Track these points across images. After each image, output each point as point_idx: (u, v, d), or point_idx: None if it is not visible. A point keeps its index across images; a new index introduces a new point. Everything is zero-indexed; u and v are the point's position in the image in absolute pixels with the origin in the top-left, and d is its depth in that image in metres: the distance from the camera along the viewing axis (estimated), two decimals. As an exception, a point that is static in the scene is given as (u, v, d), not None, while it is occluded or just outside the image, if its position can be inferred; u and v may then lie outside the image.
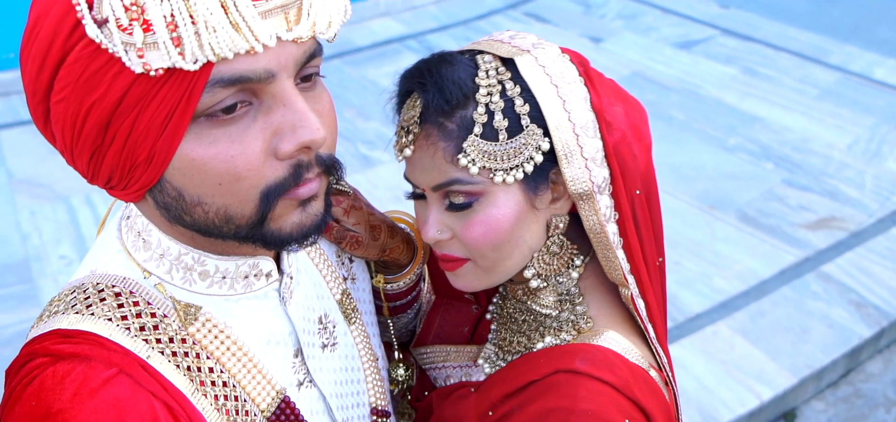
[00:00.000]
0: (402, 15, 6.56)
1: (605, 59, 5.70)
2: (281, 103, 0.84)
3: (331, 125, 0.92)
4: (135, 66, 0.77)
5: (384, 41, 6.15)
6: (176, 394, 0.90)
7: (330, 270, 1.19)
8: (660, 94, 5.22)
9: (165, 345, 0.92)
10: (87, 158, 0.85)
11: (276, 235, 0.90)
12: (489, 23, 6.40)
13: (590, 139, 1.05)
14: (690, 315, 3.42)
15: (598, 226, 1.07)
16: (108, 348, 0.88)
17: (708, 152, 4.57)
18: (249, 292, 1.01)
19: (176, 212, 0.88)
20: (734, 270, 3.67)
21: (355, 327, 1.19)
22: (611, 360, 1.05)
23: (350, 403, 1.14)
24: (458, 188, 1.05)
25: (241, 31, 0.78)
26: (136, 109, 0.79)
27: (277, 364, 1.02)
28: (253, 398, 0.98)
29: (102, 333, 0.90)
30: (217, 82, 0.79)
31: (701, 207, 4.10)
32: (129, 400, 0.86)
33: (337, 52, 5.93)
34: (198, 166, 0.83)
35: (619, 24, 6.30)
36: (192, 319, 0.95)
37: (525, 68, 1.04)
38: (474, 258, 1.11)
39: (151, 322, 0.93)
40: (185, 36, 0.76)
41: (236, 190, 0.85)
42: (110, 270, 0.97)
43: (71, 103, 0.81)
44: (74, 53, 0.78)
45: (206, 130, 0.82)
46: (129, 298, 0.94)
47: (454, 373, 1.24)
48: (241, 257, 0.98)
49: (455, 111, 1.04)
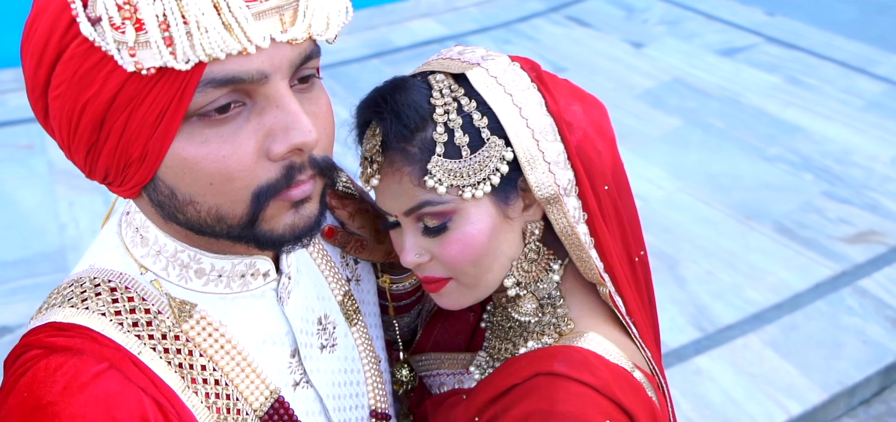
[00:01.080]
0: (442, 16, 6.57)
1: (645, 65, 5.65)
2: (274, 105, 0.84)
3: (326, 127, 0.92)
4: (127, 64, 0.78)
5: (424, 42, 6.16)
6: (166, 390, 0.91)
7: (332, 272, 1.19)
8: (700, 101, 5.16)
9: (158, 341, 0.93)
10: (84, 153, 0.86)
11: (268, 235, 0.90)
12: (530, 25, 6.38)
13: (550, 143, 1.05)
14: (721, 326, 3.37)
15: (567, 228, 1.07)
16: (100, 343, 0.90)
17: (746, 162, 4.51)
18: (246, 291, 1.01)
19: (169, 210, 0.89)
20: (768, 281, 3.61)
21: (357, 328, 1.19)
22: (590, 361, 1.04)
23: (348, 404, 1.14)
24: (428, 210, 1.06)
25: (233, 32, 0.78)
26: (129, 108, 0.80)
27: (273, 364, 1.02)
28: (246, 397, 0.98)
29: (96, 327, 0.91)
30: (209, 82, 0.80)
31: (736, 217, 4.04)
32: (118, 395, 0.87)
33: (376, 51, 5.97)
34: (189, 165, 0.84)
35: (662, 30, 6.24)
36: (186, 316, 0.96)
37: (477, 81, 1.05)
38: (456, 276, 1.11)
39: (145, 318, 0.94)
40: (177, 36, 0.76)
41: (227, 190, 0.85)
42: (108, 265, 0.98)
43: (67, 100, 0.82)
44: (69, 51, 0.80)
45: (198, 130, 0.83)
46: (124, 293, 0.95)
47: (447, 380, 1.24)
48: (238, 256, 0.99)
49: (415, 135, 1.04)
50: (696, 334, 3.33)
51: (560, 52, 5.90)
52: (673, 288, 3.58)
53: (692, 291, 3.57)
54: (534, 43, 6.07)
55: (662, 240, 3.89)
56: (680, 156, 4.57)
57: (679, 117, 4.97)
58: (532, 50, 5.93)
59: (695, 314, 3.44)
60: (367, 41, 6.15)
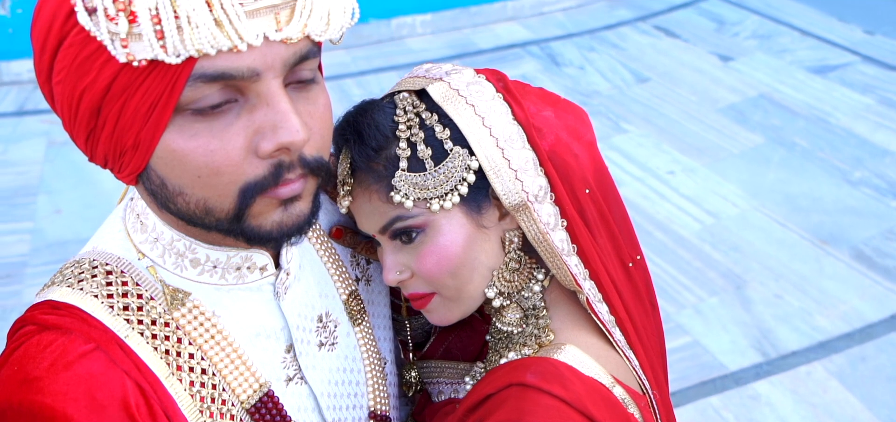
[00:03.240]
0: (528, 20, 6.54)
1: (731, 79, 5.51)
2: (265, 102, 0.85)
3: (321, 128, 0.93)
4: (119, 55, 0.79)
5: (507, 45, 6.15)
6: (149, 375, 0.93)
7: (338, 271, 1.19)
8: (785, 119, 5.00)
9: (146, 327, 0.95)
10: (84, 138, 0.89)
11: (255, 231, 0.92)
12: (616, 33, 6.30)
13: (517, 151, 1.05)
14: (784, 352, 3.26)
15: (539, 235, 1.06)
16: (89, 324, 0.92)
17: (828, 184, 4.34)
18: (241, 284, 1.03)
19: (161, 199, 0.92)
20: (839, 309, 3.47)
21: (361, 328, 1.19)
22: (563, 373, 1.02)
23: (345, 404, 1.14)
24: (399, 225, 1.07)
25: (223, 29, 0.79)
26: (123, 97, 0.82)
27: (265, 358, 1.04)
28: (233, 389, 0.99)
29: (87, 308, 0.94)
30: (200, 77, 0.81)
31: (812, 240, 3.90)
32: (101, 376, 0.89)
33: (458, 52, 5.99)
34: (178, 157, 0.86)
35: (752, 44, 6.07)
36: (178, 304, 0.98)
37: (437, 94, 1.06)
38: (437, 290, 1.12)
39: (136, 303, 0.96)
40: (168, 30, 0.77)
41: (215, 184, 0.87)
42: (108, 249, 1.01)
43: (67, 86, 0.84)
44: (69, 39, 0.82)
45: (188, 123, 0.84)
46: (119, 277, 0.97)
47: (445, 389, 1.25)
48: (233, 249, 1.00)
49: (380, 153, 1.06)
50: (757, 359, 3.23)
51: (644, 62, 5.80)
52: (737, 309, 3.48)
53: (757, 313, 3.46)
54: (618, 51, 5.99)
55: (731, 259, 3.78)
56: (758, 174, 4.44)
57: (761, 134, 4.83)
58: (615, 58, 5.86)
59: (758, 338, 3.33)
60: (451, 42, 6.18)
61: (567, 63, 5.85)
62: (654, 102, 5.24)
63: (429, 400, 1.30)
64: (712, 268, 3.74)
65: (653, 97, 5.31)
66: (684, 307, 3.51)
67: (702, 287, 3.63)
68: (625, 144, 4.77)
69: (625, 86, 5.49)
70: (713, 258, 3.80)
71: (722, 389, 3.10)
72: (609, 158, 4.57)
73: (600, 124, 4.98)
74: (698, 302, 3.54)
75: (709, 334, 3.37)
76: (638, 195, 4.28)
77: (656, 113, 5.11)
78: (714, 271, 3.71)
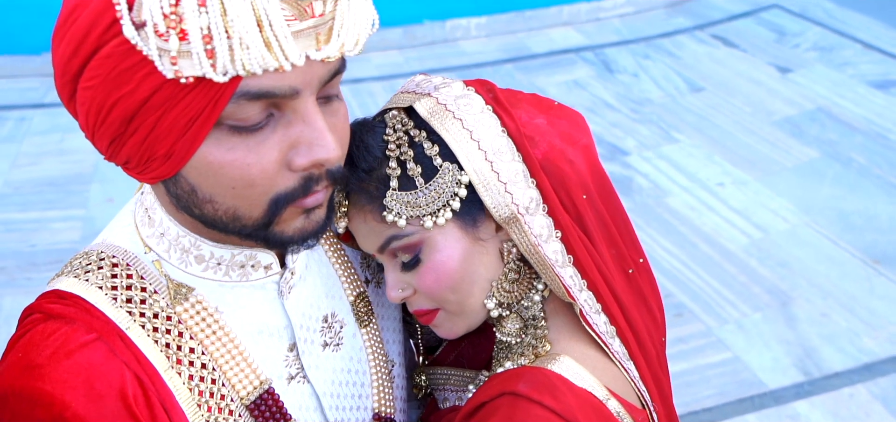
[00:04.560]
0: (583, 26, 6.50)
1: (788, 91, 5.40)
2: (301, 119, 0.87)
3: (344, 140, 0.96)
4: (167, 71, 0.80)
5: (561, 50, 6.12)
6: (148, 367, 0.95)
7: (347, 272, 1.20)
8: (842, 133, 4.88)
9: (148, 320, 0.97)
10: (108, 142, 0.89)
11: (278, 237, 0.95)
12: (672, 41, 6.22)
13: (507, 163, 1.04)
14: (828, 372, 3.19)
15: (530, 248, 1.06)
16: (92, 315, 0.95)
17: (885, 202, 4.23)
18: (245, 281, 1.04)
19: (186, 203, 0.93)
20: (888, 331, 3.38)
21: (368, 330, 1.20)
22: (554, 384, 1.02)
23: (348, 405, 1.15)
24: (395, 245, 1.07)
25: (272, 50, 0.80)
26: (162, 110, 0.83)
27: (267, 355, 1.05)
28: (233, 385, 1.01)
29: (91, 299, 0.96)
30: (243, 95, 0.83)
31: (864, 259, 3.81)
32: (100, 366, 0.92)
33: (512, 56, 5.98)
34: (214, 169, 0.87)
35: (812, 56, 5.94)
36: (182, 298, 1.00)
37: (424, 111, 1.06)
38: (441, 305, 1.12)
39: (139, 296, 0.98)
40: (219, 49, 0.78)
41: (248, 195, 0.89)
42: (116, 242, 1.04)
43: (98, 92, 0.84)
44: (108, 48, 0.81)
45: (225, 137, 0.86)
46: (125, 270, 1.00)
47: (450, 396, 1.25)
48: (238, 248, 1.02)
49: (371, 174, 1.06)
50: (799, 378, 3.17)
51: (699, 71, 5.72)
52: (781, 326, 3.42)
53: (802, 331, 3.39)
54: (673, 59, 5.92)
55: (778, 275, 3.71)
56: (812, 189, 4.35)
57: (817, 149, 4.72)
58: (671, 66, 5.79)
59: (801, 356, 3.27)
60: (505, 45, 6.18)
61: (621, 70, 5.80)
62: (707, 112, 5.16)
63: (436, 406, 1.31)
64: (758, 283, 3.67)
65: (706, 107, 5.23)
66: (726, 322, 3.46)
67: (746, 302, 3.56)
68: (674, 154, 4.71)
69: (678, 94, 5.42)
70: (759, 273, 3.73)
71: (760, 406, 3.05)
72: (657, 168, 4.53)
73: (651, 133, 4.93)
74: (741, 317, 3.48)
75: (750, 351, 3.31)
76: (685, 206, 4.22)
77: (709, 123, 5.03)
78: (759, 287, 3.65)
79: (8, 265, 3.75)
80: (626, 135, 4.93)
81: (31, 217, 4.17)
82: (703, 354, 3.32)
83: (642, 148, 4.78)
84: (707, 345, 3.35)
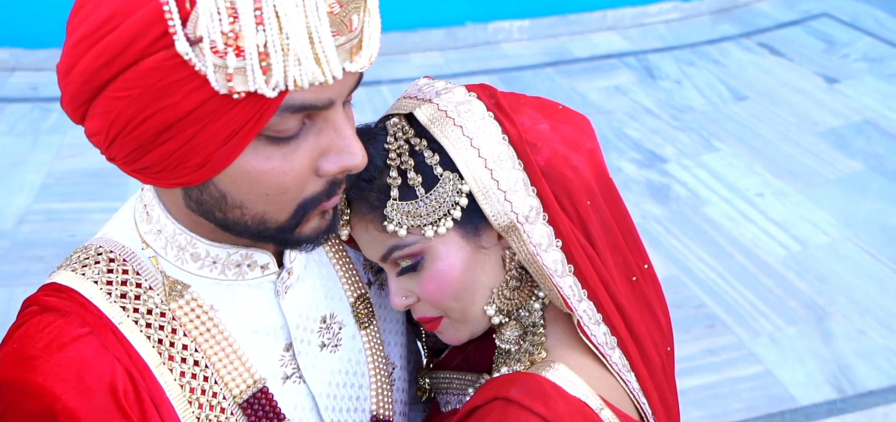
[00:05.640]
0: (627, 31, 6.44)
1: (835, 102, 5.30)
2: (332, 128, 0.90)
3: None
4: (220, 87, 0.80)
5: (603, 55, 6.07)
6: (139, 363, 0.96)
7: (348, 273, 1.20)
8: (889, 147, 4.77)
9: (141, 316, 0.98)
10: (130, 149, 0.87)
11: (297, 237, 0.97)
12: (718, 49, 6.14)
13: (507, 171, 1.04)
14: (862, 390, 3.13)
15: (528, 257, 1.05)
16: (86, 309, 0.97)
17: (929, 218, 4.13)
18: (242, 280, 1.05)
19: (209, 208, 0.94)
20: (927, 351, 3.30)
21: (368, 332, 1.20)
22: (546, 391, 1.01)
23: (346, 406, 1.15)
24: (397, 255, 1.07)
25: (321, 65, 0.82)
26: (204, 122, 0.83)
27: (262, 354, 1.06)
28: (226, 383, 1.01)
29: (86, 293, 0.98)
30: (287, 108, 0.84)
31: (905, 276, 3.72)
32: (92, 360, 0.93)
33: (552, 60, 5.94)
34: (251, 177, 0.89)
35: (862, 67, 5.81)
36: (177, 295, 1.01)
37: (425, 118, 1.05)
38: (444, 313, 1.12)
39: (134, 292, 1.00)
40: (275, 65, 0.80)
41: (279, 200, 0.92)
42: (115, 237, 1.05)
43: (134, 103, 0.82)
44: (153, 60, 0.79)
45: (263, 146, 0.87)
46: (121, 265, 1.01)
47: (452, 400, 1.25)
48: (234, 247, 1.03)
49: (372, 183, 1.06)
50: (831, 395, 3.10)
51: (743, 79, 5.64)
52: (816, 342, 3.35)
53: (838, 348, 3.32)
54: (718, 67, 5.84)
55: (815, 289, 3.64)
56: (854, 203, 4.26)
57: (862, 161, 4.62)
58: (714, 74, 5.71)
59: (835, 373, 3.20)
60: (546, 49, 6.14)
61: (664, 76, 5.73)
62: (749, 122, 5.08)
63: (439, 409, 1.31)
64: (794, 297, 3.60)
65: (749, 116, 5.15)
66: (759, 335, 3.40)
67: (780, 316, 3.50)
68: (714, 163, 4.64)
69: (721, 103, 5.34)
70: (796, 287, 3.66)
71: (791, 423, 3.00)
72: (696, 177, 4.47)
73: (691, 141, 4.87)
74: (775, 331, 3.42)
75: (783, 366, 3.25)
76: (723, 216, 4.16)
77: (751, 133, 4.95)
78: (795, 300, 3.58)
79: (48, 254, 3.83)
80: (666, 142, 4.87)
81: (73, 207, 4.25)
82: (734, 366, 3.26)
83: (681, 156, 4.73)
84: (738, 358, 3.30)
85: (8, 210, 4.26)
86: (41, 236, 4.03)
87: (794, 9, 6.76)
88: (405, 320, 1.31)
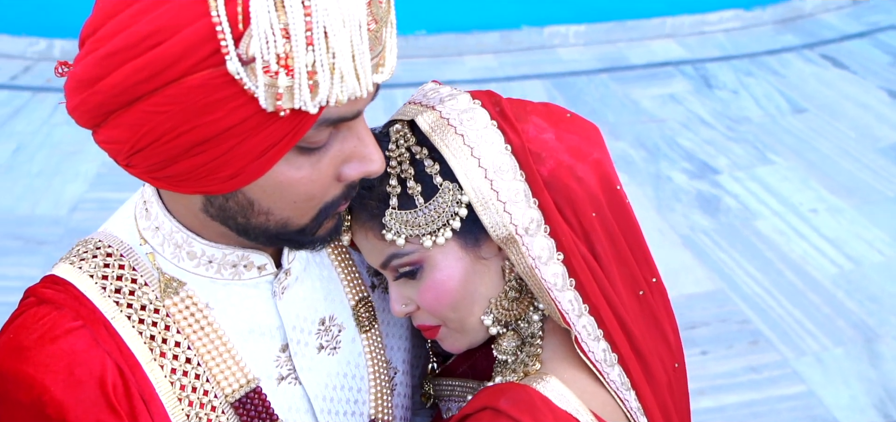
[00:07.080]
0: (685, 39, 6.35)
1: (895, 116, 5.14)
2: (355, 136, 0.93)
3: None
4: (269, 105, 0.81)
5: (660, 63, 5.99)
6: (130, 358, 0.97)
7: (349, 276, 1.20)
8: (952, 165, 4.61)
9: (135, 311, 0.99)
10: (155, 161, 0.87)
11: (313, 239, 1.00)
12: (778, 59, 6.01)
13: (508, 182, 1.02)
14: (909, 415, 3.02)
15: (527, 270, 1.03)
16: (80, 302, 0.98)
17: None
18: (238, 280, 1.05)
19: (232, 214, 0.95)
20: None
21: (369, 336, 1.19)
22: (535, 403, 1.00)
23: (342, 409, 1.15)
24: (396, 263, 1.07)
25: (360, 81, 0.84)
26: (243, 137, 0.83)
27: (257, 354, 1.06)
28: (218, 382, 1.02)
29: (81, 287, 0.99)
30: (323, 122, 0.87)
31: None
32: (82, 353, 0.95)
33: (607, 66, 5.89)
34: (282, 187, 0.91)
35: (929, 82, 5.64)
36: (172, 292, 1.01)
37: (426, 127, 1.04)
38: (442, 322, 1.11)
39: (129, 287, 1.01)
40: (322, 83, 0.81)
41: (304, 206, 0.94)
42: (115, 232, 1.07)
43: (172, 117, 0.81)
44: (200, 77, 0.79)
45: (294, 157, 0.89)
46: (118, 260, 1.02)
47: (453, 406, 1.24)
48: (230, 247, 1.03)
49: (372, 191, 1.06)
50: (877, 420, 3.01)
51: (803, 91, 5.51)
52: (864, 364, 3.25)
53: (887, 371, 3.22)
54: (777, 78, 5.71)
55: (866, 309, 3.53)
56: (912, 222, 4.13)
57: (923, 180, 4.48)
58: (773, 85, 5.60)
59: (883, 398, 3.10)
60: (601, 55, 6.09)
61: (720, 86, 5.63)
62: (807, 135, 4.96)
63: (441, 417, 1.30)
64: (843, 316, 3.50)
65: (807, 129, 5.03)
66: (805, 354, 3.32)
67: (828, 336, 3.41)
68: (768, 176, 4.54)
69: (778, 114, 5.23)
70: (846, 306, 3.56)
71: (834, 447, 2.92)
72: (748, 190, 4.38)
73: (745, 153, 4.77)
74: (821, 351, 3.33)
75: (827, 386, 3.16)
76: (774, 231, 4.07)
77: (808, 146, 4.83)
78: (844, 320, 3.48)
79: (99, 242, 3.92)
80: (719, 153, 4.78)
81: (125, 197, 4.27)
82: (777, 385, 3.19)
83: (734, 168, 4.63)
84: (781, 376, 3.22)
85: (63, 197, 4.39)
86: (94, 224, 3.98)
87: (861, 21, 6.59)
88: (411, 324, 1.31)
